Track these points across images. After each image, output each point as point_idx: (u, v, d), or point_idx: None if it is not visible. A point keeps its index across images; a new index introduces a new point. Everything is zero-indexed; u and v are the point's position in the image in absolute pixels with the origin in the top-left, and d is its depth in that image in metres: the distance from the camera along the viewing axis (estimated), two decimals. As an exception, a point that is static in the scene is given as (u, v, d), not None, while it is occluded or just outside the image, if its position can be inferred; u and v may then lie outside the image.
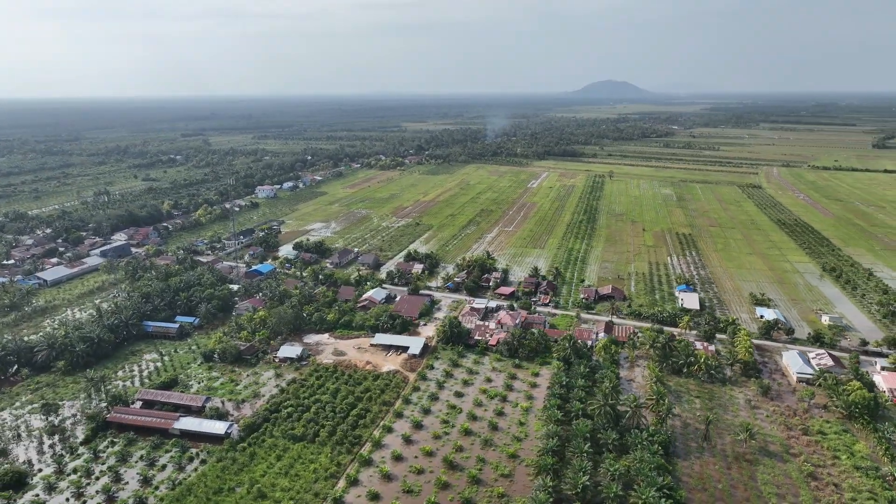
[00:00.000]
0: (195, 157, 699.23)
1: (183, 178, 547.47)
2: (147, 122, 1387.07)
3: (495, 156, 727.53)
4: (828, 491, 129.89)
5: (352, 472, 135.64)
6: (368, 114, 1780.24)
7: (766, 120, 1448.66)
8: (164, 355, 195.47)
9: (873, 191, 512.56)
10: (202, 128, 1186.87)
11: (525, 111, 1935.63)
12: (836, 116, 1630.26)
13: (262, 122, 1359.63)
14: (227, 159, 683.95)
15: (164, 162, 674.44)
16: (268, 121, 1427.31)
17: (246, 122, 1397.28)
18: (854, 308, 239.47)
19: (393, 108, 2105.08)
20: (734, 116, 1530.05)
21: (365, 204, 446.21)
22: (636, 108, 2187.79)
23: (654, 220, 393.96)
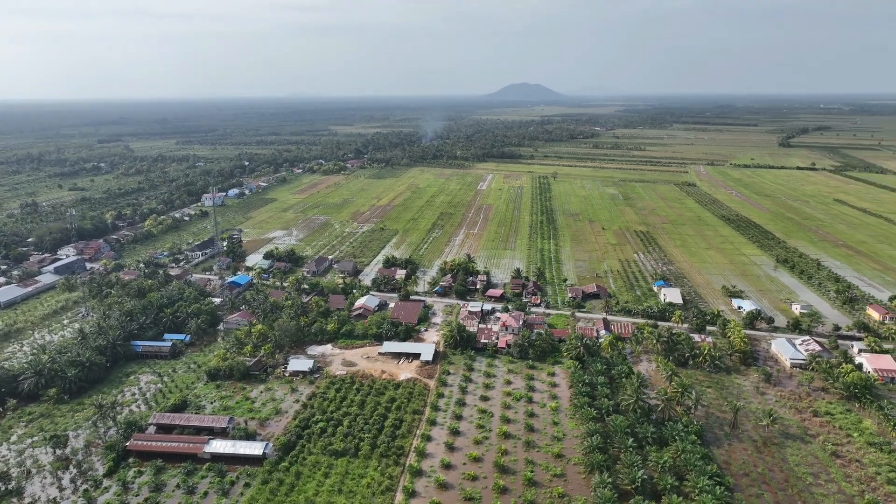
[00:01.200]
0: (121, 165, 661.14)
1: (117, 187, 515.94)
2: (51, 128, 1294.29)
3: (436, 158, 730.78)
4: (853, 467, 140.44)
5: (406, 483, 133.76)
6: (293, 117, 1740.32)
7: (678, 121, 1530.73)
8: (163, 376, 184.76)
9: (793, 186, 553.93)
10: (115, 133, 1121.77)
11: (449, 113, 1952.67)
12: (738, 118, 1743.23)
13: (182, 127, 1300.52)
14: (158, 166, 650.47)
15: (88, 170, 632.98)
16: (187, 125, 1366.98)
17: (162, 126, 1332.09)
18: (814, 296, 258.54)
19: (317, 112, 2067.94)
20: (649, 118, 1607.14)
21: (320, 210, 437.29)
22: (555, 111, 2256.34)
23: (609, 219, 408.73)
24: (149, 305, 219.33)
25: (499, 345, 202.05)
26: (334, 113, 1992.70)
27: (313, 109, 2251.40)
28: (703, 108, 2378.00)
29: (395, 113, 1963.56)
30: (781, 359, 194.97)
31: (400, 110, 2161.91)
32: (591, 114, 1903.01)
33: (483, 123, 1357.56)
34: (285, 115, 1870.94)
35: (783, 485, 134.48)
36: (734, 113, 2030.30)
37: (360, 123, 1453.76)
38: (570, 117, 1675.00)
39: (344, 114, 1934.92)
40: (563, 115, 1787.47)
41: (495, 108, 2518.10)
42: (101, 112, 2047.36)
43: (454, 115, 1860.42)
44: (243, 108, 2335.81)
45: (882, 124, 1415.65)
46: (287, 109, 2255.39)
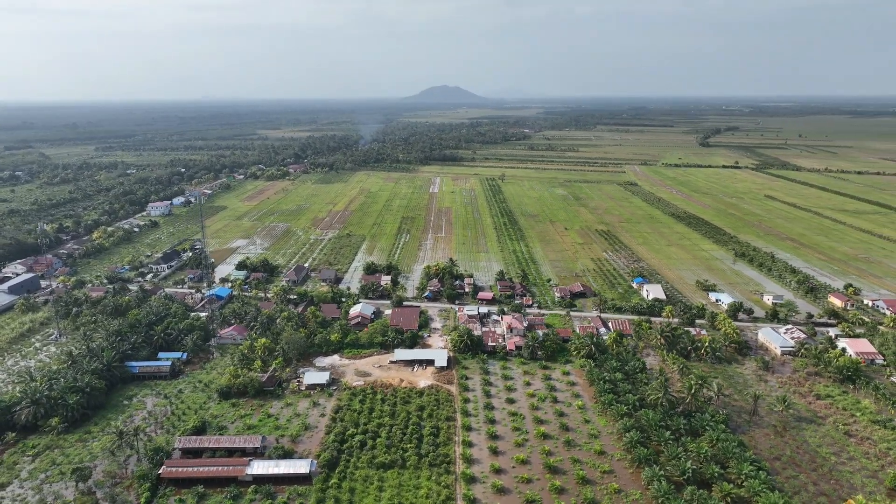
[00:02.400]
0: (41, 173, 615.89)
1: (46, 198, 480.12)
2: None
3: (379, 162, 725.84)
4: (866, 445, 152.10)
5: (465, 490, 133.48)
6: (213, 121, 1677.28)
7: (599, 123, 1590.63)
8: (169, 397, 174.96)
9: (725, 184, 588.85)
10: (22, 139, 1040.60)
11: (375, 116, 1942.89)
12: (654, 119, 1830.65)
13: (97, 132, 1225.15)
14: (85, 174, 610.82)
15: (4, 180, 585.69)
16: (101, 130, 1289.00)
17: (74, 132, 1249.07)
18: (778, 287, 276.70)
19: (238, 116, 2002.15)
20: (572, 120, 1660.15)
21: (277, 217, 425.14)
22: (479, 113, 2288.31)
23: (567, 219, 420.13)
24: (136, 324, 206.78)
25: (507, 347, 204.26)
26: (257, 116, 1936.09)
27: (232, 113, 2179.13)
28: (618, 110, 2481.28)
29: (322, 116, 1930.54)
30: (771, 347, 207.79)
31: (324, 113, 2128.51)
32: (515, 116, 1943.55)
33: (415, 126, 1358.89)
34: (204, 119, 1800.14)
35: (812, 465, 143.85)
36: (648, 115, 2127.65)
37: (288, 127, 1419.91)
38: (496, 119, 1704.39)
39: (268, 117, 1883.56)
40: (490, 118, 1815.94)
41: (419, 111, 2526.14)
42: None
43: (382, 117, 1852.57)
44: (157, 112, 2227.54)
45: (781, 125, 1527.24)
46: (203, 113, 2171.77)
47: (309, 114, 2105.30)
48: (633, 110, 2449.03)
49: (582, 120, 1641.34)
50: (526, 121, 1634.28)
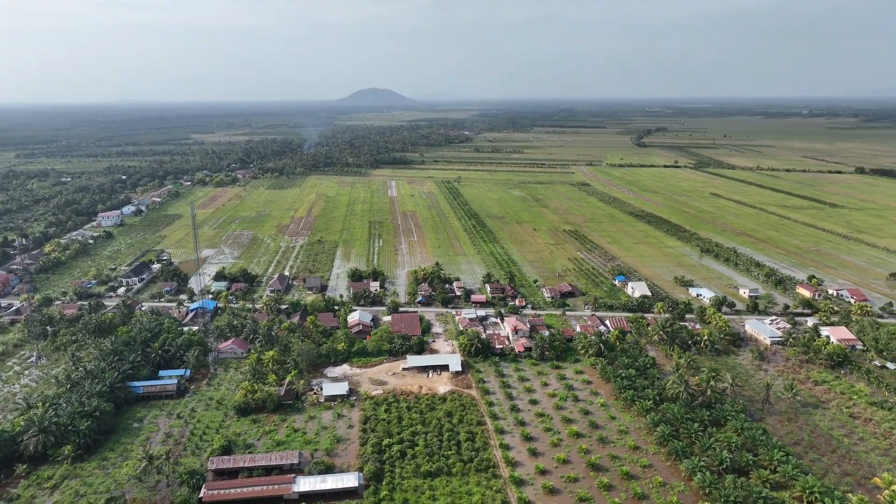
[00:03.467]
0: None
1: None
2: None
3: (329, 166, 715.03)
4: (871, 426, 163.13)
5: (520, 494, 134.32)
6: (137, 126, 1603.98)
7: (535, 124, 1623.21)
8: (182, 417, 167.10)
9: (670, 182, 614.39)
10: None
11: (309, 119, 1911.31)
12: (585, 121, 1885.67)
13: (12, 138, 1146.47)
14: (13, 183, 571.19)
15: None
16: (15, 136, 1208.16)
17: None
18: (747, 280, 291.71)
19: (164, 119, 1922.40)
20: (508, 122, 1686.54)
21: (239, 225, 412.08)
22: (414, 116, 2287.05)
23: (533, 220, 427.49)
24: (131, 342, 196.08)
25: (516, 349, 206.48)
26: (186, 120, 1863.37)
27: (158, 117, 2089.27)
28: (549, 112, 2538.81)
29: (255, 119, 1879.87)
30: (760, 338, 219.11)
31: (257, 116, 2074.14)
32: (450, 118, 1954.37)
33: (356, 129, 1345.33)
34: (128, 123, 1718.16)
35: (830, 448, 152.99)
36: (578, 116, 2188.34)
37: (222, 131, 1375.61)
38: (434, 122, 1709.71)
39: (197, 121, 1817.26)
40: (427, 120, 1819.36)
41: (353, 113, 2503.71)
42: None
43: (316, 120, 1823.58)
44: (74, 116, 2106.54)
45: (704, 126, 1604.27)
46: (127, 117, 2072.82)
47: (240, 117, 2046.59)
48: (562, 112, 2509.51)
49: (518, 122, 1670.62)
50: (464, 123, 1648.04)
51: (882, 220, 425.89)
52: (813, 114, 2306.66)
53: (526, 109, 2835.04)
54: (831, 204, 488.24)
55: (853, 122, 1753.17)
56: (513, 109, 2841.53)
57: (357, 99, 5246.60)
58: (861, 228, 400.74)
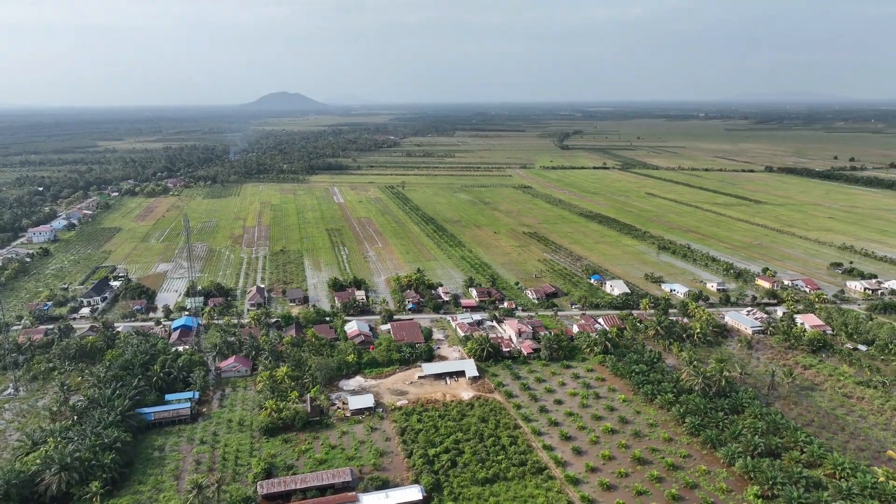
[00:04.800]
0: None
1: None
2: None
3: (263, 173, 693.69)
4: (864, 403, 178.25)
5: (581, 493, 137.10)
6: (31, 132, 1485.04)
7: (456, 128, 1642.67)
8: (205, 442, 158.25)
9: (606, 183, 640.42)
10: None
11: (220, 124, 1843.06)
12: (502, 124, 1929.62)
13: None
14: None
15: None
16: None
17: None
18: (708, 274, 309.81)
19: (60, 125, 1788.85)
20: (430, 126, 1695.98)
21: (193, 237, 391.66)
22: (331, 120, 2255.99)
23: (489, 223, 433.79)
24: (128, 365, 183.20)
25: (524, 351, 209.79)
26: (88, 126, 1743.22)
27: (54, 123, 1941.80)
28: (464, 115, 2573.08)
29: (163, 125, 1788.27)
30: (742, 329, 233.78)
31: (164, 122, 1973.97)
32: (369, 123, 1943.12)
33: (279, 135, 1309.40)
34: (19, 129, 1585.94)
35: (838, 426, 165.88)
36: (495, 120, 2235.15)
37: (132, 138, 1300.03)
38: (355, 126, 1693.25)
39: (100, 127, 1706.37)
40: (348, 125, 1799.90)
41: (267, 118, 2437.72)
42: None
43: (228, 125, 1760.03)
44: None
45: (615, 128, 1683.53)
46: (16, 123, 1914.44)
47: (146, 123, 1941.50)
48: (478, 116, 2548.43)
49: (440, 126, 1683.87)
50: (386, 127, 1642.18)
51: (804, 215, 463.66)
52: (709, 116, 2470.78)
53: (440, 113, 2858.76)
54: (756, 201, 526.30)
55: (746, 125, 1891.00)
56: (428, 113, 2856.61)
57: (266, 103, 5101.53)
58: (789, 223, 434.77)
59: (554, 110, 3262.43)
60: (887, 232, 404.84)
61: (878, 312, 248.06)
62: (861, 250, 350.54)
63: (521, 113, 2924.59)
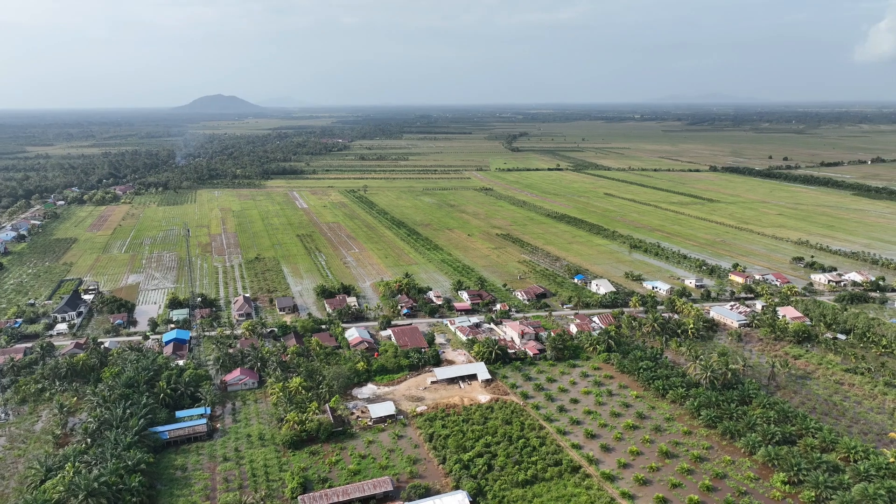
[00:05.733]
0: None
1: None
2: None
3: (215, 178, 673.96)
4: (856, 389, 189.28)
5: (619, 489, 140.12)
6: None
7: (403, 131, 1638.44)
8: (228, 459, 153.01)
9: (562, 184, 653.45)
10: None
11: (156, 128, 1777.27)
12: (449, 127, 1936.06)
13: None
14: None
15: None
16: None
17: None
18: (682, 271, 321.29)
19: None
20: (377, 129, 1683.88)
21: (153, 246, 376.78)
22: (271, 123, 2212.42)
23: (460, 226, 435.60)
24: (132, 383, 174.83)
25: (529, 352, 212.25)
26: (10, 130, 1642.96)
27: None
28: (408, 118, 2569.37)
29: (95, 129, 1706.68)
30: (729, 323, 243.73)
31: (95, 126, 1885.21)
32: (314, 126, 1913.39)
33: (224, 139, 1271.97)
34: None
35: (839, 412, 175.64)
36: (439, 122, 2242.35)
37: (62, 143, 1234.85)
38: (300, 130, 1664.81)
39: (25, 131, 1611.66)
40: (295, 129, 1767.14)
41: (204, 121, 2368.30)
42: None
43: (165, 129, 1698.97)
44: None
45: (557, 130, 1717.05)
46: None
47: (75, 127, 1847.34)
48: (421, 119, 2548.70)
49: (386, 129, 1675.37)
50: (331, 131, 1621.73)
51: (756, 213, 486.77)
52: (644, 118, 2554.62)
53: (382, 116, 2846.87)
54: (708, 199, 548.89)
55: (680, 126, 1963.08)
56: (370, 116, 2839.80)
57: (200, 106, 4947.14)
58: (744, 220, 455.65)
59: (493, 112, 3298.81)
60: (834, 227, 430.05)
61: (846, 303, 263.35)
62: (816, 245, 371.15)
63: (463, 115, 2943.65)
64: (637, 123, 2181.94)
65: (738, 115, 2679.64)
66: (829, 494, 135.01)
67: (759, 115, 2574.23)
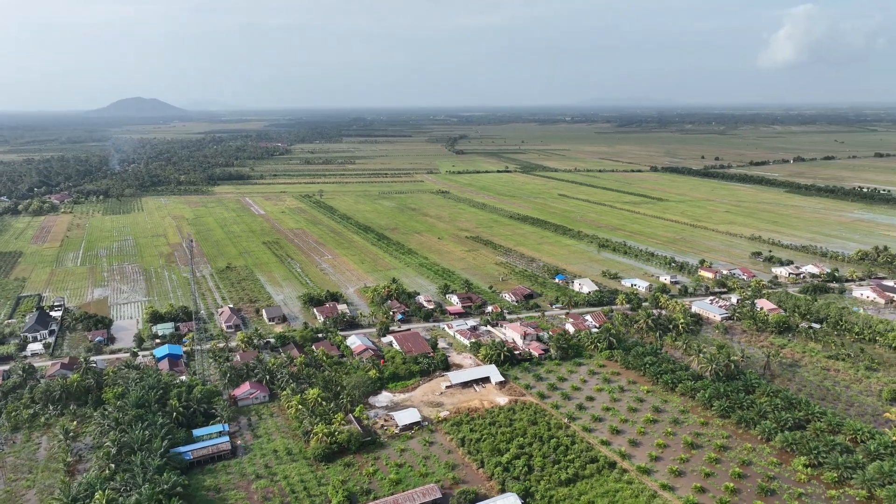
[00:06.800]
0: None
1: None
2: None
3: (159, 185, 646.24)
4: (842, 374, 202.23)
5: (658, 482, 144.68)
6: None
7: (341, 134, 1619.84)
8: (261, 477, 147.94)
9: (517, 186, 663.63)
10: None
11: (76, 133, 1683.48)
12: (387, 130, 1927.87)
13: None
14: None
15: None
16: None
17: None
18: (653, 268, 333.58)
19: None
20: (314, 133, 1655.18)
21: (111, 258, 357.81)
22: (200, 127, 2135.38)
23: (427, 229, 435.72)
24: (143, 403, 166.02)
25: (534, 353, 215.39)
26: None
27: None
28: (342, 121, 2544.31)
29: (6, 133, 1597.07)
30: (711, 316, 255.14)
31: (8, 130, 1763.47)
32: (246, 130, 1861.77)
33: (155, 144, 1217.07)
34: None
35: (833, 396, 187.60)
36: (376, 125, 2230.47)
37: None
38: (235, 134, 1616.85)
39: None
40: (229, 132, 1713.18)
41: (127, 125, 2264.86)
42: None
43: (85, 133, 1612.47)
44: None
45: (496, 132, 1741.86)
46: None
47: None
48: (356, 122, 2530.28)
49: (324, 133, 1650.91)
50: (267, 134, 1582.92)
51: (705, 210, 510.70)
52: (575, 120, 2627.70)
53: (316, 119, 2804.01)
54: (658, 198, 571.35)
55: (610, 128, 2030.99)
56: (303, 119, 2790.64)
57: (119, 109, 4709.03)
58: (696, 217, 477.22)
59: (427, 115, 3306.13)
60: (778, 223, 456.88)
61: (810, 294, 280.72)
62: (768, 240, 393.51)
63: (397, 118, 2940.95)
64: (569, 126, 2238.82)
65: (662, 117, 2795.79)
66: (849, 474, 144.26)
67: (680, 118, 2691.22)
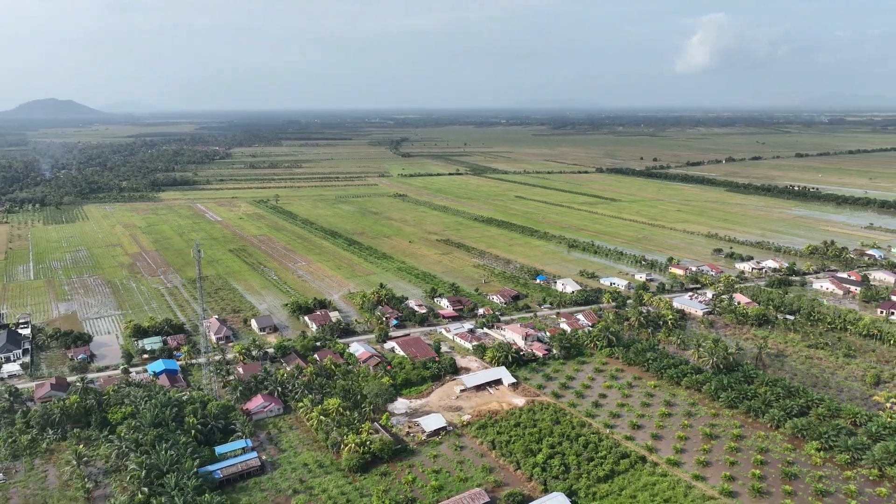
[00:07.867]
0: None
1: None
2: None
3: (99, 192, 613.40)
4: (824, 361, 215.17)
5: (688, 473, 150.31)
6: None
7: (279, 137, 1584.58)
8: (297, 492, 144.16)
9: (472, 189, 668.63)
10: None
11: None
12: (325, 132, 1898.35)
13: None
14: None
15: None
16: None
17: None
18: (628, 267, 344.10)
19: None
20: (251, 136, 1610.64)
21: (68, 271, 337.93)
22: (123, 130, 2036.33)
23: (396, 233, 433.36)
24: (161, 422, 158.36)
25: (537, 354, 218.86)
26: None
27: None
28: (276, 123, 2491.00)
29: None
30: (693, 312, 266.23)
31: None
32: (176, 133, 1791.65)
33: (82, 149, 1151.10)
34: None
35: (823, 383, 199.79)
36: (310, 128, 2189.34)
37: None
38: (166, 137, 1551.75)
39: None
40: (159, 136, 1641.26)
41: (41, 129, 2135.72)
42: None
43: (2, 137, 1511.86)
44: None
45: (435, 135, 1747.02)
46: None
47: None
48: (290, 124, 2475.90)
49: (262, 136, 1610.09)
50: (202, 138, 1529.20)
51: (658, 210, 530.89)
52: (510, 123, 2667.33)
53: (246, 122, 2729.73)
54: (611, 199, 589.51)
55: (546, 130, 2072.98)
56: (233, 122, 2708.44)
57: (30, 111, 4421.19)
58: (652, 217, 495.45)
59: (362, 117, 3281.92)
60: (728, 220, 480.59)
61: (776, 287, 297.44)
62: (725, 237, 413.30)
63: (332, 120, 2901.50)
64: (506, 128, 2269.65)
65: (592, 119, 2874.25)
66: (859, 455, 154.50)
67: (610, 120, 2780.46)
